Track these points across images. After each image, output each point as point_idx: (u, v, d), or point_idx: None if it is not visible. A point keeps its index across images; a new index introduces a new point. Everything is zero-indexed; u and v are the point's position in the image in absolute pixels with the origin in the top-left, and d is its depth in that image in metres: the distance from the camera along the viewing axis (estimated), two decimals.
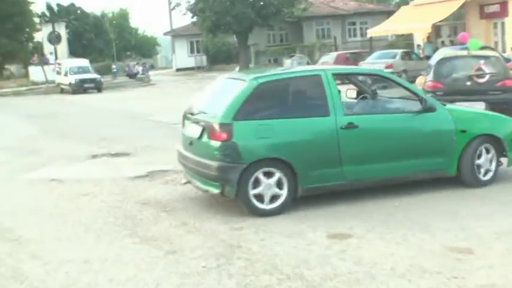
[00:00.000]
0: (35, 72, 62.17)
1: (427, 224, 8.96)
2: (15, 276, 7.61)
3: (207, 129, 10.01)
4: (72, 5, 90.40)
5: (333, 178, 10.20)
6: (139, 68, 62.51)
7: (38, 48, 70.92)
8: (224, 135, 9.67)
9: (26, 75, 68.58)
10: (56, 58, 59.72)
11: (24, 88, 56.36)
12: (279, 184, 9.84)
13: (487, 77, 17.93)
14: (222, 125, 9.73)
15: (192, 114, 10.85)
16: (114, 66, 66.57)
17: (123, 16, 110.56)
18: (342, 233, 8.70)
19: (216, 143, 9.78)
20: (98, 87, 49.93)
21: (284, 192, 9.88)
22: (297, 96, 10.69)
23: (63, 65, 52.96)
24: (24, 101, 44.36)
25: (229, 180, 9.67)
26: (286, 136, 9.89)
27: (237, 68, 60.33)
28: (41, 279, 7.43)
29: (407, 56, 40.78)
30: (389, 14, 61.83)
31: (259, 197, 9.81)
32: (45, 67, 59.42)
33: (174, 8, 64.80)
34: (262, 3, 60.86)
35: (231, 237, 8.70)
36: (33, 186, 13.14)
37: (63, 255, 8.28)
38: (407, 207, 9.99)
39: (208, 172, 9.93)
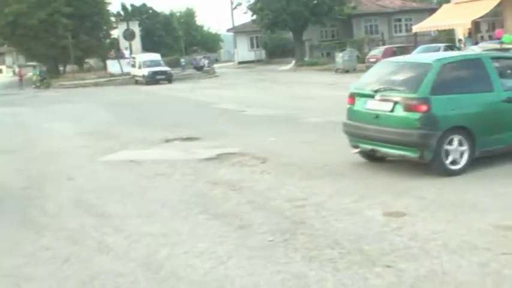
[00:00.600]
0: (112, 65, 62.80)
1: (476, 203, 8.75)
2: (101, 247, 7.61)
3: (404, 104, 10.71)
4: (144, 5, 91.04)
5: (498, 142, 11.07)
6: (205, 61, 62.50)
7: (114, 44, 71.50)
8: (424, 108, 10.43)
9: (104, 68, 69.28)
10: (131, 53, 60.07)
11: (103, 79, 57.00)
12: (462, 148, 10.70)
13: None
14: (422, 99, 10.50)
15: (374, 92, 11.28)
16: (182, 60, 66.81)
17: (189, 15, 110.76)
18: (397, 211, 8.53)
19: (416, 115, 10.50)
20: (169, 78, 50.10)
21: (466, 155, 10.69)
22: (468, 74, 11.43)
23: (137, 59, 53.33)
24: (102, 91, 44.81)
25: (429, 146, 10.43)
26: (467, 108, 10.78)
27: (293, 62, 60.24)
28: (124, 251, 7.42)
29: (450, 49, 40.03)
30: (431, 11, 61.15)
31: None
32: (121, 61, 59.93)
33: (235, 7, 64.93)
34: (315, 2, 60.56)
35: (294, 215, 8.59)
36: (114, 167, 13.20)
37: (143, 229, 8.27)
38: (457, 187, 9.77)
39: (407, 140, 10.66)
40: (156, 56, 54.63)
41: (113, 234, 8.11)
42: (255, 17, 63.83)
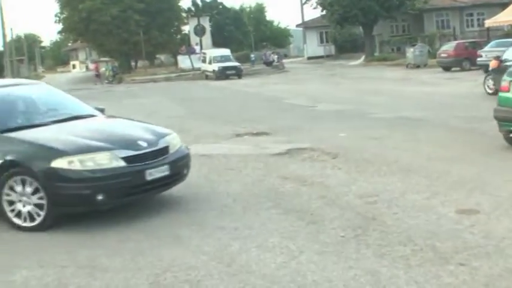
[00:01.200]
0: (183, 61, 63.48)
1: None
2: (173, 240, 7.68)
3: None
4: (215, 0, 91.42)
5: None
6: (275, 57, 62.53)
7: (185, 39, 72.10)
8: None
9: (175, 63, 70.13)
10: (201, 48, 60.61)
11: (173, 74, 57.67)
12: None
13: None
14: None
15: None
16: (252, 55, 67.04)
17: (259, 10, 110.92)
18: (470, 208, 8.39)
19: None
20: (239, 73, 50.35)
21: None
22: None
23: (208, 54, 53.73)
24: (174, 86, 45.28)
25: None
26: None
27: (363, 57, 59.87)
28: (196, 244, 7.46)
29: None
30: (504, 6, 59.99)
31: None
32: (192, 56, 60.46)
33: (305, 3, 64.75)
34: None
35: (366, 211, 8.52)
36: None
37: (215, 223, 8.31)
38: None
39: None
40: (226, 52, 54.92)
41: (184, 228, 8.17)
42: (324, 12, 63.58)
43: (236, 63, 52.18)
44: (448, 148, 13.26)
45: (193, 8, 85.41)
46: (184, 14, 75.93)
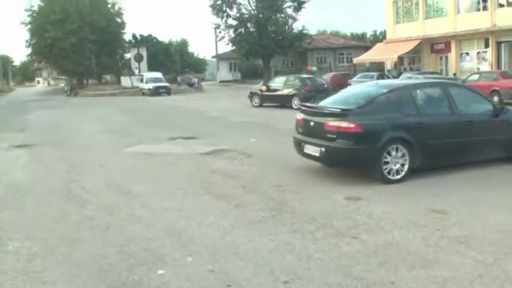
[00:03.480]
0: (125, 80, 62.33)
1: (411, 193, 8.77)
2: (132, 218, 7.50)
3: None
4: (150, 35, 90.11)
5: None
6: (195, 80, 61.99)
7: (127, 64, 70.90)
8: None
9: (118, 82, 68.67)
10: (139, 71, 59.61)
11: (117, 91, 56.52)
12: None
13: None
14: None
15: None
16: (178, 78, 66.21)
17: (183, 44, 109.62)
18: (355, 196, 8.49)
19: None
20: (168, 92, 49.71)
21: None
22: None
23: (145, 76, 52.98)
24: (118, 100, 44.24)
25: None
26: None
27: (262, 82, 60.07)
28: (150, 221, 7.31)
29: (381, 76, 40.32)
30: (366, 48, 61.63)
31: None
32: (132, 77, 59.34)
33: (220, 40, 64.28)
34: (280, 38, 60.57)
35: (279, 197, 8.52)
36: (134, 157, 13.01)
37: (163, 205, 8.15)
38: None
39: None
40: (159, 74, 54.22)
41: (140, 209, 7.99)
42: (234, 47, 63.57)
43: (166, 84, 51.56)
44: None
45: (133, 40, 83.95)
46: (126, 45, 74.70)
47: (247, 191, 9.01)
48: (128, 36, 77.92)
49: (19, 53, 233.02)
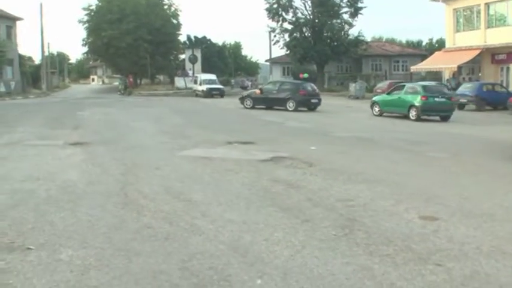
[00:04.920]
0: (178, 81, 62.54)
1: (493, 214, 8.01)
2: (193, 229, 6.96)
3: None
4: (204, 37, 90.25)
5: None
6: (249, 83, 61.96)
7: (180, 65, 71.25)
8: None
9: (171, 82, 69.03)
10: (193, 72, 59.77)
11: (171, 91, 56.86)
12: None
13: None
14: None
15: None
16: (233, 81, 66.34)
17: (237, 46, 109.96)
18: (430, 216, 7.79)
19: None
20: (222, 94, 49.63)
21: None
22: None
23: (199, 77, 52.96)
24: (171, 100, 44.36)
25: None
26: None
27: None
28: (213, 234, 6.75)
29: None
30: (423, 56, 60.35)
31: None
32: (186, 78, 59.56)
33: (274, 44, 63.87)
34: (335, 43, 59.93)
35: (347, 212, 7.89)
36: (191, 161, 12.53)
37: (225, 216, 7.60)
38: (477, 197, 9.02)
39: None
40: (213, 76, 54.13)
41: (201, 219, 7.45)
42: (288, 52, 63.07)
43: (220, 86, 51.52)
44: (393, 163, 12.76)
45: (187, 41, 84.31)
46: (181, 46, 75.12)
47: (313, 204, 8.40)
48: (182, 38, 78.41)
49: (75, 50, 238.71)
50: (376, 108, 29.24)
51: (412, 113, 26.70)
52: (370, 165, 12.36)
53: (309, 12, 60.51)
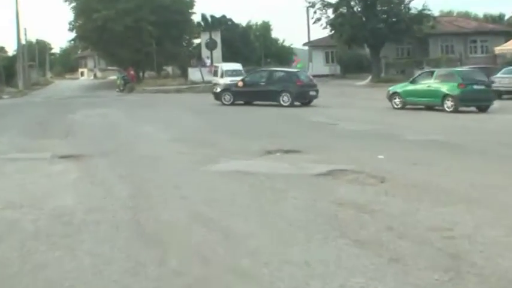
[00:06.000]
0: (193, 73, 62.40)
1: None
2: (239, 275, 6.39)
3: None
4: (224, 16, 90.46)
5: None
6: None
7: (195, 52, 71.26)
8: None
9: (183, 75, 69.00)
10: (212, 62, 59.57)
11: (184, 86, 56.75)
12: None
13: None
14: None
15: None
16: None
17: (265, 28, 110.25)
18: None
19: None
20: None
21: None
22: None
23: (219, 68, 52.41)
24: (185, 97, 44.27)
25: None
26: None
27: (370, 77, 58.87)
28: (269, 281, 6.17)
29: None
30: (507, 34, 59.51)
31: None
32: (202, 69, 59.36)
33: (315, 22, 63.41)
34: (393, 20, 59.20)
35: (447, 247, 7.25)
36: (222, 177, 12.05)
37: (280, 254, 7.03)
38: None
39: None
40: (238, 66, 53.41)
41: (247, 258, 6.89)
42: (333, 32, 62.59)
43: None
44: (491, 176, 12.15)
45: (202, 23, 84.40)
46: (195, 28, 75.15)
47: (398, 235, 7.80)
48: (196, 18, 78.47)
49: (59, 37, 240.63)
50: (397, 100, 30.64)
51: (448, 104, 27.95)
52: (460, 178, 11.78)
53: None
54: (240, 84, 35.33)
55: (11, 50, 77.00)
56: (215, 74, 52.61)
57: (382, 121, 24.06)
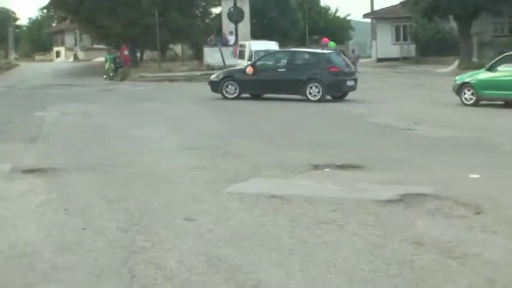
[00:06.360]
0: (210, 54, 62.41)
1: None
2: None
3: None
4: None
5: None
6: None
7: (213, 26, 71.46)
8: None
9: (197, 57, 69.13)
10: (237, 39, 59.67)
11: (198, 72, 56.65)
12: None
13: None
14: None
15: None
16: None
17: None
18: None
19: None
20: None
21: None
22: None
23: (247, 47, 52.40)
24: (199, 88, 44.08)
25: None
26: None
27: (457, 62, 58.65)
28: None
29: None
30: None
31: None
32: (223, 49, 59.47)
33: None
34: None
35: None
36: (250, 205, 11.85)
37: None
38: None
39: None
40: (273, 45, 53.42)
41: None
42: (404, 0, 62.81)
43: None
44: None
45: None
46: None
47: None
48: None
49: (28, 5, 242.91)
50: (468, 94, 31.04)
51: None
52: None
53: None
54: (250, 70, 35.02)
55: None
56: (241, 55, 52.73)
57: (474, 124, 23.88)
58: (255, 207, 11.67)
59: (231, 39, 61.44)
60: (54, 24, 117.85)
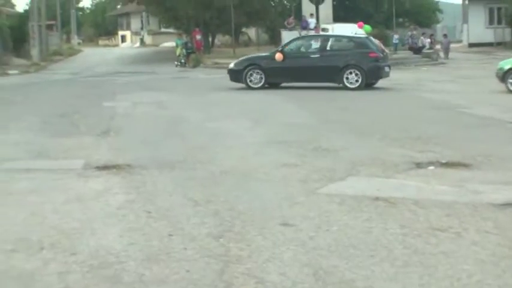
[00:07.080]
0: (289, 39, 62.15)
1: None
2: None
3: None
4: None
5: None
6: (427, 40, 61.22)
7: (292, 8, 71.29)
8: None
9: (271, 42, 68.96)
10: (318, 22, 59.44)
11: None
12: None
13: None
14: None
15: None
16: (396, 37, 65.77)
17: None
18: None
19: None
20: None
21: None
22: None
23: (330, 32, 52.31)
24: None
25: None
26: None
27: None
28: None
29: None
30: None
31: None
32: (303, 33, 59.19)
33: None
34: None
35: None
36: (352, 207, 11.50)
37: None
38: None
39: None
40: (358, 29, 53.30)
41: None
42: None
43: None
44: None
45: None
46: None
47: None
48: None
49: None
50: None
51: None
52: None
53: None
54: (279, 57, 35.00)
55: (21, 4, 78.26)
56: None
57: None
58: (359, 211, 11.30)
59: (312, 22, 61.04)
60: (119, 7, 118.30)
